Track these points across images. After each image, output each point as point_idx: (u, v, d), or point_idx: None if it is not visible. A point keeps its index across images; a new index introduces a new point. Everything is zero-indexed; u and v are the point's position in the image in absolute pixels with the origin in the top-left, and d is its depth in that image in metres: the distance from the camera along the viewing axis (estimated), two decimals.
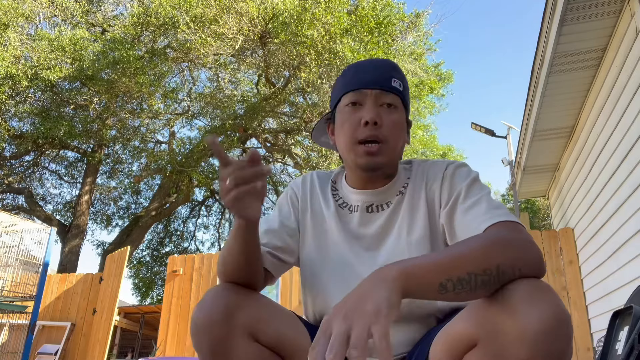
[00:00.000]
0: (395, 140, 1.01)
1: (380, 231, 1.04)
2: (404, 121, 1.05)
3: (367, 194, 1.06)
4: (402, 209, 1.04)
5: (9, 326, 6.10)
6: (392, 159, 1.03)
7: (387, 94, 1.01)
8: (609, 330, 1.85)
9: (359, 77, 1.03)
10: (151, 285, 14.91)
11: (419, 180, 1.06)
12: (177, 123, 12.78)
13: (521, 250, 0.73)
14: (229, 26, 9.43)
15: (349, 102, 1.02)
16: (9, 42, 9.42)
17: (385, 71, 1.03)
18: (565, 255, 4.79)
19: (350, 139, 1.00)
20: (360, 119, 0.99)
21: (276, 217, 1.12)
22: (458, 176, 1.01)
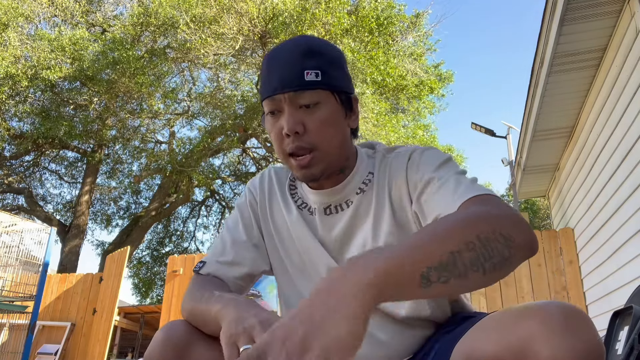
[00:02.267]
0: (328, 141, 0.88)
1: (343, 236, 0.95)
2: (336, 111, 0.89)
3: (322, 194, 0.96)
4: (365, 210, 0.94)
5: (9, 326, 6.10)
6: (332, 161, 0.90)
7: (302, 93, 0.86)
8: (609, 330, 1.85)
9: (270, 80, 0.89)
10: (151, 285, 14.91)
11: (382, 176, 0.94)
12: (177, 123, 12.80)
13: (500, 215, 0.64)
14: (229, 26, 9.43)
15: (268, 111, 0.90)
16: (9, 42, 9.42)
17: (297, 63, 0.87)
18: (565, 255, 4.79)
19: (280, 153, 0.90)
20: (282, 130, 0.87)
21: (239, 224, 1.03)
22: (424, 162, 0.89)
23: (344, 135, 0.92)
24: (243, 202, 1.06)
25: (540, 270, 4.78)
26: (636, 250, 3.17)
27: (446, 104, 21.20)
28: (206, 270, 0.97)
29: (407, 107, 11.49)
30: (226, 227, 1.04)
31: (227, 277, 0.96)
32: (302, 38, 0.92)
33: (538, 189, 6.17)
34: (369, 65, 9.33)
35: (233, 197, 14.89)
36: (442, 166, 0.87)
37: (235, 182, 14.34)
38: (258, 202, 1.04)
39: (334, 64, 0.91)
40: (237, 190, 14.83)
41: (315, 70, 0.87)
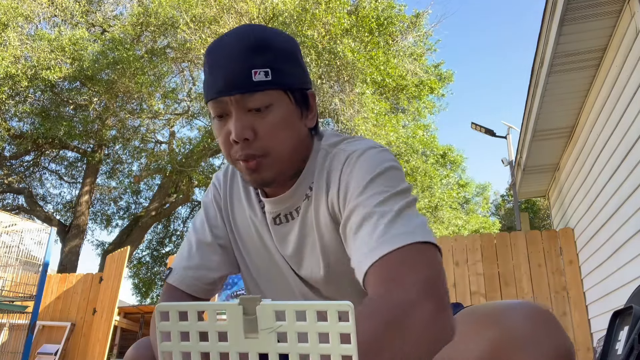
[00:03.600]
0: (280, 146, 0.80)
1: (296, 249, 0.87)
2: (289, 112, 0.80)
3: (272, 202, 0.88)
4: (310, 218, 0.85)
5: (9, 326, 6.10)
6: (285, 166, 0.82)
7: (250, 95, 0.77)
8: (609, 330, 1.85)
9: (215, 81, 0.78)
10: (151, 285, 14.92)
11: (321, 182, 0.84)
12: (177, 123, 12.80)
13: (394, 316, 0.56)
14: (229, 26, 9.43)
15: (214, 114, 0.81)
16: (9, 42, 9.42)
17: (243, 61, 0.77)
18: (565, 255, 4.79)
19: (228, 158, 0.82)
20: (229, 135, 0.78)
21: (204, 224, 0.96)
22: (355, 175, 0.77)
23: (299, 138, 0.83)
24: (208, 199, 0.98)
25: (540, 270, 4.78)
26: (636, 250, 3.17)
27: (446, 103, 21.21)
28: (172, 278, 0.91)
29: (407, 107, 11.50)
30: (192, 228, 0.97)
31: (192, 284, 0.90)
32: (247, 29, 0.80)
33: (538, 189, 6.17)
34: (369, 65, 9.33)
35: None
36: (370, 186, 0.74)
37: None
38: (222, 196, 0.97)
39: (286, 58, 0.80)
40: None
41: (264, 69, 0.77)
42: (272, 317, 0.51)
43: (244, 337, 0.52)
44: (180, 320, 0.55)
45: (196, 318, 0.54)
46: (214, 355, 0.53)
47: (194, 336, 0.54)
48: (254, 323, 0.51)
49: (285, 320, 0.52)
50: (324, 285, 0.87)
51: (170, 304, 0.55)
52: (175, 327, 0.54)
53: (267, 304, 0.51)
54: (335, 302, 0.50)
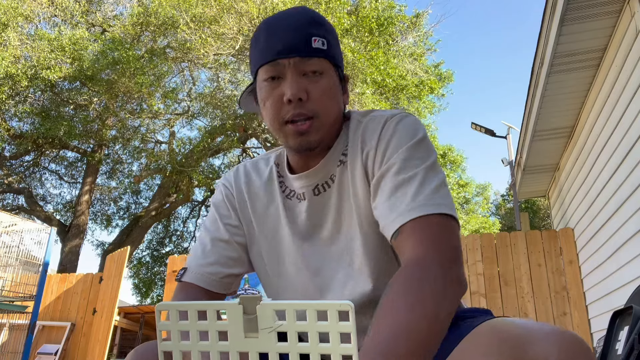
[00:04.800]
0: (327, 112, 0.85)
1: (336, 213, 0.89)
2: (336, 84, 0.88)
3: (308, 176, 0.90)
4: (345, 183, 0.88)
5: (9, 326, 6.10)
6: (327, 133, 0.87)
7: (308, 60, 0.83)
8: (609, 330, 1.85)
9: (272, 45, 0.84)
10: (151, 285, 14.92)
11: (355, 143, 0.88)
12: (177, 123, 12.81)
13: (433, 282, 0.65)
14: (229, 26, 9.44)
15: (266, 77, 0.85)
16: (9, 42, 9.42)
17: (302, 30, 0.84)
18: (565, 255, 4.79)
19: (275, 120, 0.85)
20: (283, 96, 0.83)
21: (217, 223, 0.96)
22: (398, 136, 0.83)
23: (339, 110, 0.89)
24: (219, 199, 1.00)
25: (540, 270, 4.78)
26: (636, 250, 3.17)
27: (446, 103, 21.21)
28: (188, 277, 0.92)
29: (407, 107, 11.49)
30: (204, 228, 0.98)
31: (210, 280, 0.91)
32: (304, 8, 0.88)
33: (538, 189, 6.17)
34: (369, 65, 9.33)
35: None
36: (413, 151, 0.81)
37: None
38: (235, 196, 0.98)
39: (335, 38, 0.89)
40: None
41: (322, 39, 0.85)
42: (272, 316, 0.51)
43: (244, 337, 0.52)
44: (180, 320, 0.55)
45: (196, 317, 0.54)
46: (214, 355, 0.53)
47: (194, 336, 0.54)
48: (254, 322, 0.51)
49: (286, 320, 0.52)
50: (360, 256, 0.86)
51: (171, 303, 0.55)
52: (175, 327, 0.54)
53: (267, 304, 0.51)
54: (336, 302, 0.50)
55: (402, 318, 0.62)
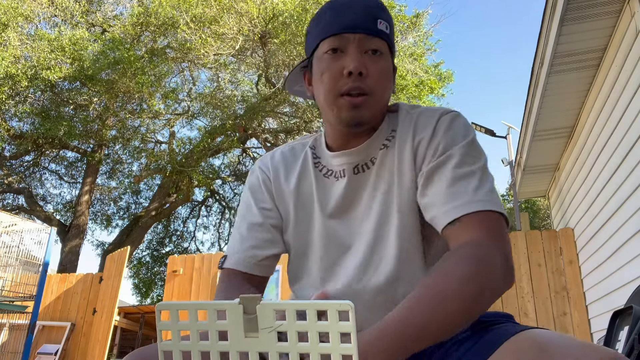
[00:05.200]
0: (381, 91, 0.88)
1: (372, 194, 0.91)
2: (391, 69, 0.92)
3: (350, 154, 0.93)
4: (389, 165, 0.91)
5: (9, 326, 6.10)
6: (377, 113, 0.91)
7: (372, 38, 0.87)
8: (609, 330, 1.85)
9: (340, 20, 0.88)
10: (151, 285, 14.91)
11: (406, 129, 0.92)
12: (177, 123, 12.81)
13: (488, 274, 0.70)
14: (229, 26, 9.44)
15: (328, 48, 0.88)
16: (9, 42, 9.42)
17: (370, 11, 0.88)
18: (565, 255, 4.79)
19: (331, 92, 0.87)
20: (343, 69, 0.86)
21: (253, 207, 0.99)
22: (454, 132, 0.87)
23: (389, 94, 0.93)
24: (255, 183, 1.02)
25: (540, 270, 4.78)
26: (636, 250, 3.17)
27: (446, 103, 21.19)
28: (228, 264, 0.95)
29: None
30: (240, 215, 1.01)
31: (249, 263, 0.94)
32: None
33: (538, 189, 6.17)
34: None
35: (233, 197, 14.89)
36: (470, 148, 0.85)
37: (235, 182, 14.33)
38: (272, 179, 1.00)
39: (393, 29, 0.93)
40: (237, 190, 14.82)
41: (386, 22, 0.89)
42: (272, 316, 0.51)
43: (244, 337, 0.52)
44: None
45: (196, 317, 0.54)
46: (214, 355, 0.53)
47: (194, 335, 0.54)
48: (254, 322, 0.51)
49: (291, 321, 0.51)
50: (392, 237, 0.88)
51: (171, 303, 0.55)
52: (175, 327, 0.54)
53: (267, 303, 0.51)
54: (336, 302, 0.50)
55: (454, 286, 0.67)
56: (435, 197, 0.82)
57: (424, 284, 0.69)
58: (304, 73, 1.00)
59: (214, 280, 5.86)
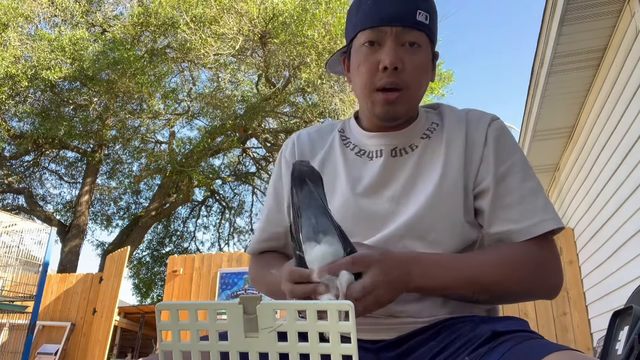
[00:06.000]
0: (417, 85, 0.88)
1: (410, 177, 0.90)
2: (429, 61, 0.91)
3: (388, 136, 0.93)
4: (432, 153, 0.92)
5: (9, 326, 6.10)
6: (413, 106, 0.91)
7: (410, 30, 0.86)
8: (609, 330, 1.85)
9: (378, 11, 0.87)
10: (151, 285, 14.90)
11: (454, 123, 0.93)
12: (177, 123, 12.80)
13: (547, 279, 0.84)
14: (229, 26, 9.44)
15: (365, 40, 0.87)
16: (9, 42, 9.43)
17: (409, 2, 0.86)
18: (565, 255, 4.79)
19: (367, 85, 0.88)
20: (379, 63, 0.85)
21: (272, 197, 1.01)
22: (508, 141, 0.90)
23: (427, 85, 0.93)
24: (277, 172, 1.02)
25: None
26: (636, 250, 3.17)
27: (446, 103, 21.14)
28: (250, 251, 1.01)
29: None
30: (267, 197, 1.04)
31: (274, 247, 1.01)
32: None
33: None
34: None
35: (233, 197, 14.90)
36: (524, 159, 0.89)
37: (235, 182, 14.34)
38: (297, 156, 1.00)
39: (436, 14, 0.91)
40: (237, 190, 14.83)
41: (426, 13, 0.87)
42: (272, 316, 0.51)
43: (244, 337, 0.52)
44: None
45: (196, 317, 0.53)
46: (214, 355, 0.53)
47: (194, 335, 0.54)
48: (254, 322, 0.51)
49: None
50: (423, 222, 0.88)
51: (171, 303, 0.55)
52: (175, 326, 0.54)
53: (267, 303, 0.51)
54: (336, 302, 0.50)
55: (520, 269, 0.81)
56: (509, 213, 0.85)
57: (502, 252, 0.82)
58: (343, 59, 1.00)
59: (214, 280, 5.86)
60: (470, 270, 0.79)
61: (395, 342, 0.81)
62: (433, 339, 0.79)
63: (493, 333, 0.73)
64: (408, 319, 0.82)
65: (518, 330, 0.75)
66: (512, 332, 0.74)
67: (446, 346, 0.77)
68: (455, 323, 0.81)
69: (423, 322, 0.82)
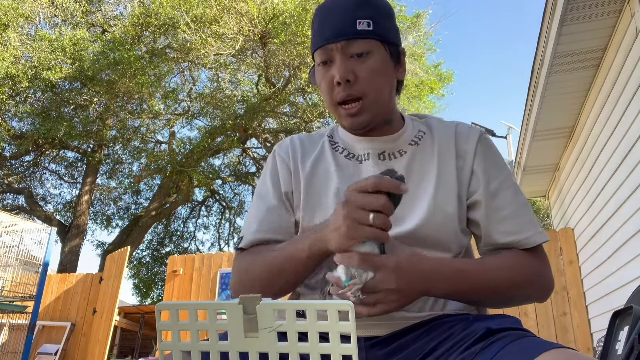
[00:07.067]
0: (376, 90, 0.90)
1: None
2: (385, 61, 0.91)
3: (377, 141, 0.96)
4: (422, 159, 0.94)
5: (9, 326, 6.10)
6: (380, 110, 0.93)
7: (354, 42, 0.88)
8: (609, 330, 1.84)
9: (323, 30, 0.90)
10: (151, 285, 14.90)
11: (444, 134, 0.96)
12: (177, 123, 12.80)
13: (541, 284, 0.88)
14: (229, 26, 9.44)
15: (320, 61, 0.92)
16: (9, 42, 9.43)
17: (348, 13, 0.88)
18: (565, 255, 4.79)
19: (329, 102, 0.92)
20: (333, 79, 0.89)
21: (270, 190, 0.99)
22: (497, 156, 0.96)
23: (391, 86, 0.94)
24: (271, 165, 1.02)
25: None
26: (636, 250, 3.17)
27: (446, 104, 21.19)
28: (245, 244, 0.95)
29: (407, 107, 11.50)
30: (258, 196, 1.01)
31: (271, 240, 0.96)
32: None
33: (538, 189, 6.17)
34: None
35: (233, 197, 14.90)
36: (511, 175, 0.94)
37: (235, 182, 14.33)
38: (291, 159, 1.00)
39: (384, 15, 0.92)
40: (237, 190, 14.83)
41: (367, 20, 0.89)
42: (272, 316, 0.51)
43: (244, 337, 0.52)
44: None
45: (196, 317, 0.54)
46: (214, 355, 0.53)
47: (193, 335, 0.54)
48: (254, 322, 0.51)
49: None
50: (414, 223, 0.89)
51: (171, 303, 0.55)
52: (175, 327, 0.54)
53: (267, 303, 0.51)
54: (336, 302, 0.50)
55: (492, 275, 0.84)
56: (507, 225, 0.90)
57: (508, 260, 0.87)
58: None
59: (214, 280, 5.86)
60: (489, 278, 0.83)
61: (387, 339, 0.82)
62: (426, 335, 0.80)
63: (487, 331, 0.74)
64: (401, 315, 0.83)
65: (511, 328, 0.75)
66: (505, 330, 0.74)
67: (439, 343, 0.77)
68: (449, 320, 0.82)
69: (415, 318, 0.83)
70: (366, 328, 0.83)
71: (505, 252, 0.89)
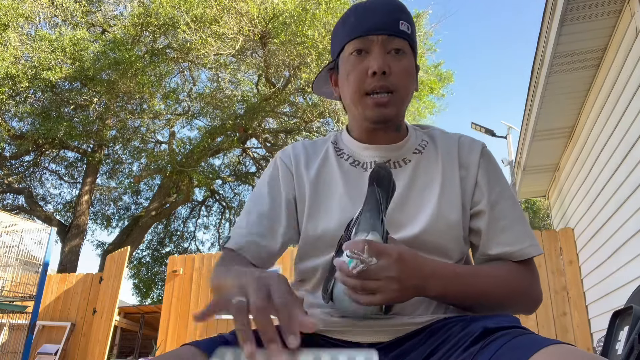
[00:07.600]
0: (405, 89, 0.93)
1: (405, 188, 0.93)
2: (413, 67, 0.96)
3: (382, 149, 0.97)
4: (426, 168, 0.96)
5: (9, 326, 6.10)
6: (401, 110, 0.96)
7: (394, 38, 0.92)
8: (609, 330, 1.84)
9: (363, 22, 0.93)
10: (151, 285, 14.91)
11: (447, 144, 0.99)
12: (177, 123, 12.80)
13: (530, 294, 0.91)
14: (229, 26, 9.44)
15: (353, 50, 0.93)
16: (9, 42, 9.43)
17: (392, 13, 0.94)
18: (565, 255, 4.79)
19: (357, 91, 0.92)
20: (367, 69, 0.91)
21: (267, 196, 0.97)
22: (497, 168, 0.99)
23: (412, 93, 0.98)
24: (274, 174, 1.01)
25: (540, 271, 4.77)
26: (636, 250, 3.17)
27: (446, 104, 21.19)
28: (231, 244, 0.93)
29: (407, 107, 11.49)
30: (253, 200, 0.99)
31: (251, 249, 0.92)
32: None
33: (538, 189, 6.17)
34: None
35: (233, 197, 14.90)
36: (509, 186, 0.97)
37: (235, 182, 14.34)
38: (293, 167, 1.00)
39: (414, 30, 0.99)
40: (237, 190, 14.83)
41: (407, 23, 0.95)
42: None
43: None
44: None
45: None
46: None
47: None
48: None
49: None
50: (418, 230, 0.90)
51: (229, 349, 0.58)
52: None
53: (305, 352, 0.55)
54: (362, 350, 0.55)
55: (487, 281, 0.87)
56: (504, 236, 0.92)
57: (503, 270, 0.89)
58: (330, 75, 1.04)
59: None
60: (483, 285, 0.85)
61: (390, 345, 0.82)
62: (427, 340, 0.80)
63: (484, 330, 0.74)
64: (404, 320, 0.83)
65: (509, 327, 0.75)
66: (503, 329, 0.74)
67: (438, 346, 0.77)
68: (448, 323, 0.82)
69: (418, 323, 0.83)
70: (369, 334, 0.83)
71: (500, 263, 0.91)
